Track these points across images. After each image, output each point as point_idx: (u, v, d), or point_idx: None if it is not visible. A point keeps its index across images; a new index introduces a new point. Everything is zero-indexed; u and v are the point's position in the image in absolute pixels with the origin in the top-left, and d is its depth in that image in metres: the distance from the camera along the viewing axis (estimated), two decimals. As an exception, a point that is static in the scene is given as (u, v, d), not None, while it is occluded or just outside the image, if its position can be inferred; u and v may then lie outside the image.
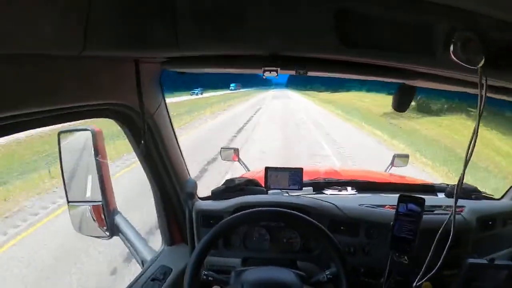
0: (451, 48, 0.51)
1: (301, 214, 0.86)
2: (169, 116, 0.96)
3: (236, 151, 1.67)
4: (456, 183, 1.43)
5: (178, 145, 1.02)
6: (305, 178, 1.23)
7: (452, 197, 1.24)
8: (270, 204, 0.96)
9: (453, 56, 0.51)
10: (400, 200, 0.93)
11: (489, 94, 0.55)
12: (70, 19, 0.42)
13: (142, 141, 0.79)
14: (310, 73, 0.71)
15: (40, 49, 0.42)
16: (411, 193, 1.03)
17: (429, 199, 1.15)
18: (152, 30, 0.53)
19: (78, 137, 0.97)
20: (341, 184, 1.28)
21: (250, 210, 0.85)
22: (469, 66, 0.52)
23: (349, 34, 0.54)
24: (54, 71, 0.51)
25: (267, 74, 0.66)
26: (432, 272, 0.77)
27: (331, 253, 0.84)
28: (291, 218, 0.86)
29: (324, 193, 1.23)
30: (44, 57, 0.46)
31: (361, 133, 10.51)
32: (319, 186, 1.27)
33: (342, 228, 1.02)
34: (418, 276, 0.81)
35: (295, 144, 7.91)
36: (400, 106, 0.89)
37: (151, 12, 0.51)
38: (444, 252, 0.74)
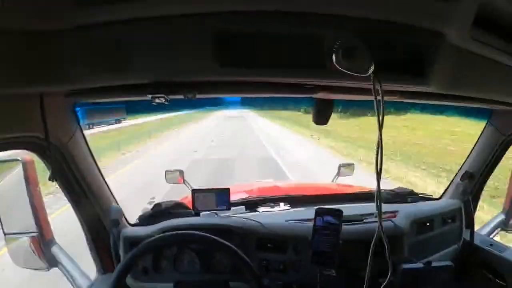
0: (333, 58, 0.50)
1: (212, 236, 0.86)
2: (87, 144, 0.95)
3: (181, 173, 1.67)
4: (396, 187, 1.45)
5: (100, 172, 1.01)
6: (240, 196, 1.26)
7: (388, 203, 1.27)
8: (192, 226, 0.96)
9: (337, 66, 0.50)
10: (316, 213, 0.94)
11: (387, 99, 0.55)
12: None
13: (50, 171, 0.79)
14: (199, 96, 0.69)
15: None
16: (346, 203, 1.05)
17: (363, 207, 1.18)
18: (48, 67, 0.54)
19: (8, 167, 0.94)
20: (274, 201, 1.28)
21: (158, 236, 0.86)
22: (359, 75, 0.50)
23: (228, 55, 0.53)
24: None
25: (156, 100, 0.66)
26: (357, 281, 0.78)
27: (246, 274, 0.84)
28: (204, 240, 0.86)
29: (257, 211, 1.22)
30: None
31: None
32: (252, 204, 1.25)
33: (269, 245, 1.01)
34: None
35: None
36: (319, 119, 0.87)
37: (44, 50, 0.53)
38: (369, 261, 0.73)
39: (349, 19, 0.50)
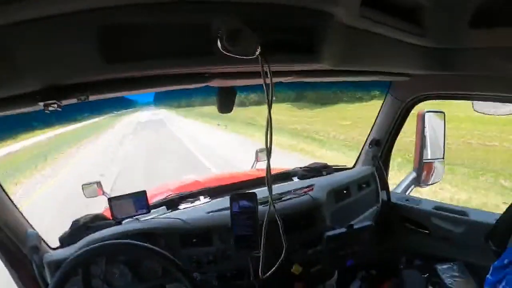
0: (218, 43, 0.50)
1: (131, 241, 0.85)
2: None
3: (99, 184, 1.54)
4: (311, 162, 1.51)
5: (7, 195, 0.93)
6: (158, 197, 1.23)
7: (304, 178, 1.33)
8: (114, 236, 0.93)
9: (223, 51, 0.50)
10: (231, 199, 0.95)
11: (283, 80, 0.57)
12: None
13: None
14: (92, 97, 0.66)
15: None
16: (264, 186, 1.08)
17: (283, 186, 1.23)
18: None
19: None
20: (193, 196, 1.26)
21: (78, 252, 0.83)
22: (246, 57, 0.51)
23: (118, 50, 0.51)
24: None
25: (50, 108, 0.61)
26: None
27: (174, 273, 0.84)
28: (124, 248, 0.85)
29: (179, 209, 1.20)
30: None
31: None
32: (173, 203, 1.23)
33: (194, 240, 1.01)
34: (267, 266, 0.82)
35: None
36: (224, 108, 0.88)
37: None
38: (263, 236, 0.75)
39: (234, 4, 0.51)
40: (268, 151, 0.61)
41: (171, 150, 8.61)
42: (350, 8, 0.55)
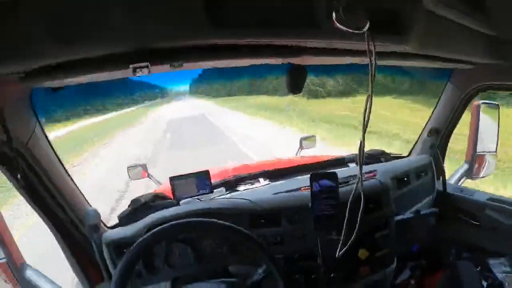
0: (334, 15, 0.49)
1: (215, 220, 0.83)
2: (48, 141, 0.85)
3: (144, 166, 1.58)
4: (367, 150, 1.55)
5: (67, 172, 0.92)
6: (215, 179, 1.20)
7: (364, 165, 1.33)
8: (180, 216, 0.91)
9: (337, 23, 0.49)
10: (311, 179, 0.94)
11: (378, 62, 0.55)
12: None
13: (19, 176, 0.69)
14: (186, 64, 0.65)
15: None
16: (324, 170, 1.07)
17: (342, 172, 1.20)
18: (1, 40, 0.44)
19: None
20: (252, 177, 1.26)
21: (157, 228, 0.80)
22: (355, 31, 0.51)
23: (220, 15, 0.49)
24: None
25: (138, 72, 0.59)
26: (347, 240, 0.79)
27: (255, 251, 0.82)
28: (203, 226, 0.83)
29: (237, 190, 1.20)
30: None
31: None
32: (231, 184, 1.23)
33: (262, 221, 1.00)
34: (341, 246, 0.82)
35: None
36: (294, 88, 0.86)
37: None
38: (359, 216, 0.74)
39: None
40: (364, 130, 0.61)
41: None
42: None
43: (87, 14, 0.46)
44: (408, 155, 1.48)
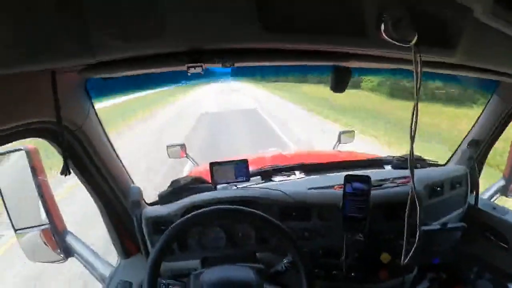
0: (382, 27, 0.50)
1: (246, 208, 0.86)
2: (101, 124, 0.91)
3: (183, 147, 1.63)
4: (402, 152, 1.51)
5: (116, 152, 0.98)
6: (253, 167, 1.22)
7: (399, 168, 1.32)
8: (218, 200, 0.95)
9: (384, 36, 0.51)
10: (346, 180, 0.95)
11: (424, 69, 0.56)
12: None
13: (65, 158, 0.73)
14: (237, 64, 0.69)
15: None
16: (358, 169, 1.06)
17: (377, 173, 1.20)
18: (63, 37, 0.49)
19: (12, 159, 0.90)
20: (289, 169, 1.28)
21: (197, 212, 0.84)
22: (403, 45, 0.51)
23: (272, 19, 0.51)
24: None
25: (191, 70, 0.63)
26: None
27: (283, 242, 0.84)
28: (238, 214, 0.86)
29: (273, 181, 1.22)
30: None
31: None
32: (267, 174, 1.25)
33: (293, 214, 1.03)
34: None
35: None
36: (338, 87, 0.89)
37: (58, 17, 0.48)
38: (405, 223, 0.76)
39: None
40: (412, 136, 0.61)
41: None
42: (485, 4, 0.53)
43: (146, 15, 0.49)
44: (445, 164, 1.44)
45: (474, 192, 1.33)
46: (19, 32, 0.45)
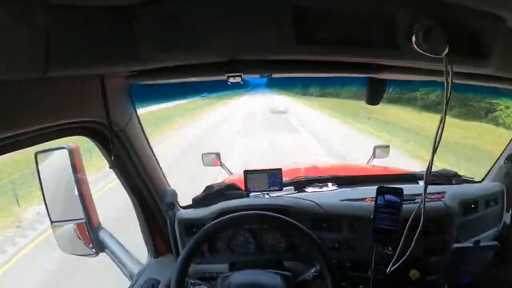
0: (413, 39, 0.51)
1: (279, 215, 0.87)
2: (142, 128, 0.96)
3: (218, 155, 1.68)
4: (438, 169, 1.47)
5: (154, 155, 1.02)
6: (286, 178, 1.24)
7: (434, 184, 1.27)
8: (250, 207, 0.97)
9: (416, 47, 0.51)
10: (378, 192, 0.95)
11: (455, 80, 0.56)
12: (30, 43, 0.43)
13: (112, 156, 0.79)
14: (275, 75, 0.72)
15: (2, 76, 0.42)
16: (392, 184, 1.05)
17: (410, 188, 1.16)
18: (113, 46, 0.53)
19: (55, 156, 0.96)
20: (322, 181, 1.29)
21: (229, 215, 0.86)
22: (434, 56, 0.52)
23: (308, 33, 0.53)
24: (19, 95, 0.51)
25: (231, 80, 0.66)
26: (403, 259, 0.79)
27: (313, 252, 0.84)
28: (271, 220, 0.87)
29: (305, 191, 1.24)
30: (6, 83, 0.46)
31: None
32: (300, 184, 1.27)
33: (324, 224, 1.03)
34: (395, 264, 0.82)
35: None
36: (372, 100, 0.90)
37: (111, 28, 0.52)
38: (415, 237, 0.75)
39: (424, 1, 0.51)
40: (434, 149, 0.61)
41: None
42: None
43: (190, 27, 0.53)
44: (481, 181, 1.38)
45: (510, 211, 1.28)
46: (76, 39, 0.49)
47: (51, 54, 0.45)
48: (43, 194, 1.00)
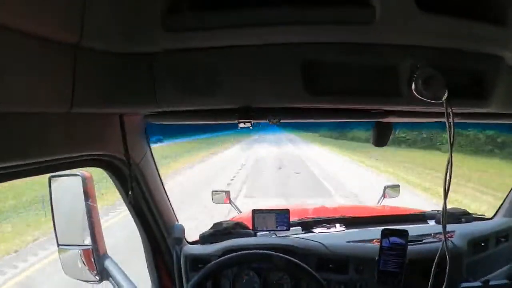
0: (413, 86, 0.54)
1: (285, 256, 0.87)
2: (155, 164, 0.99)
3: (228, 193, 1.71)
4: (449, 207, 1.44)
5: (165, 191, 1.05)
6: (294, 218, 1.25)
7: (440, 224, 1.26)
8: (257, 246, 0.97)
9: (416, 94, 0.54)
10: (383, 234, 0.95)
11: (457, 120, 0.58)
12: (57, 80, 0.46)
13: (130, 190, 0.80)
14: (283, 121, 0.74)
15: (32, 108, 0.45)
16: (400, 224, 1.04)
17: (419, 228, 1.17)
18: (134, 88, 0.57)
19: (68, 182, 0.98)
20: (329, 222, 1.29)
21: (235, 253, 0.87)
22: (434, 101, 0.54)
23: (316, 83, 0.57)
24: (44, 126, 0.54)
25: (241, 125, 0.70)
26: None
27: None
28: (276, 260, 0.87)
29: (313, 232, 1.24)
30: (35, 114, 0.49)
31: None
32: (307, 225, 1.28)
33: (330, 266, 1.02)
34: None
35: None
36: (379, 141, 0.93)
37: (132, 72, 0.56)
38: (430, 280, 0.76)
39: (421, 48, 0.55)
40: (445, 190, 0.61)
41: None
42: None
43: (205, 75, 0.57)
44: (492, 217, 1.36)
45: None
46: (100, 80, 0.53)
47: (77, 91, 0.48)
48: (53, 217, 1.01)
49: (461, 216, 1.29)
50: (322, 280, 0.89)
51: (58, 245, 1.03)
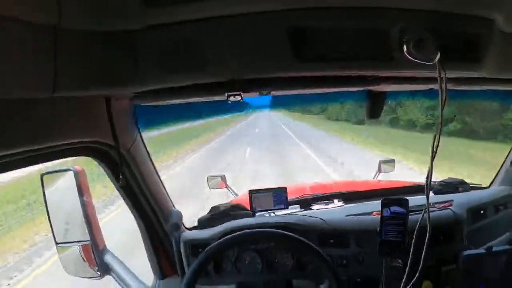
0: (405, 48, 0.53)
1: (286, 232, 0.86)
2: (146, 149, 0.96)
3: (223, 178, 1.68)
4: (446, 177, 1.45)
5: (159, 176, 1.03)
6: (292, 196, 1.24)
7: (441, 194, 1.27)
8: (255, 226, 0.97)
9: (408, 56, 0.53)
10: (383, 204, 0.94)
11: (450, 87, 0.57)
12: (38, 64, 0.44)
13: (121, 176, 0.79)
14: (274, 93, 0.73)
15: (12, 94, 0.43)
16: (399, 196, 1.04)
17: (418, 199, 1.15)
18: (117, 68, 0.55)
19: (61, 178, 0.96)
20: (327, 198, 1.29)
21: (233, 234, 0.86)
22: (426, 63, 0.53)
23: (304, 50, 0.55)
24: (26, 113, 0.52)
25: (231, 99, 0.68)
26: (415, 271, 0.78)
27: (322, 269, 0.84)
28: (277, 238, 0.86)
29: (311, 209, 1.24)
30: (15, 101, 0.47)
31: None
32: (305, 202, 1.27)
33: (331, 241, 1.02)
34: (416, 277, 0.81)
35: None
36: (373, 113, 0.92)
37: (115, 51, 0.54)
38: (424, 247, 0.74)
39: (412, 11, 0.53)
40: (432, 155, 0.60)
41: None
42: (508, 13, 0.54)
43: (190, 49, 0.55)
44: (489, 186, 1.37)
45: None
46: (82, 61, 0.51)
47: (59, 74, 0.46)
48: (48, 215, 0.99)
49: (459, 185, 1.30)
50: (325, 254, 0.89)
51: (56, 243, 1.01)
